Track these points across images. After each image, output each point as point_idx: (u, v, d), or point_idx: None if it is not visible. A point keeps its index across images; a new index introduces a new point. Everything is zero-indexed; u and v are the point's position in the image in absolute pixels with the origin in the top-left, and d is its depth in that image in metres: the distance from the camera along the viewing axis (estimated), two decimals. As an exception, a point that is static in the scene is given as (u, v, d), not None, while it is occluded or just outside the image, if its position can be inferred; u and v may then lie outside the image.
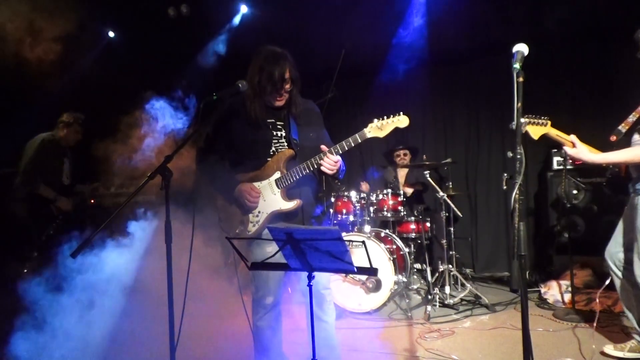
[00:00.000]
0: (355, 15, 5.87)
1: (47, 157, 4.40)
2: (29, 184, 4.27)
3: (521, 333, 3.30)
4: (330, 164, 2.35)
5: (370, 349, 3.36)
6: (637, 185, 2.77)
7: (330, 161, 2.34)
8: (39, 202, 4.33)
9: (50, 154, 4.44)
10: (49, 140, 4.44)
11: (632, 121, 2.73)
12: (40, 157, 4.33)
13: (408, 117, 2.37)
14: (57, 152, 4.51)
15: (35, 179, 4.28)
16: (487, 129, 5.84)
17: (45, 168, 4.38)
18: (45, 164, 4.38)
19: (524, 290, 1.63)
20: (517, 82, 1.86)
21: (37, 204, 4.30)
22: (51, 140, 4.46)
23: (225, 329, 3.89)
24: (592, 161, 2.72)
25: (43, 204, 4.35)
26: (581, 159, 2.70)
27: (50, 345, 3.35)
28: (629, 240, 2.84)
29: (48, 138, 4.44)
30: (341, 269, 1.84)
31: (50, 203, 4.37)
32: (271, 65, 2.32)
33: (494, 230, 5.77)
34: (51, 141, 4.45)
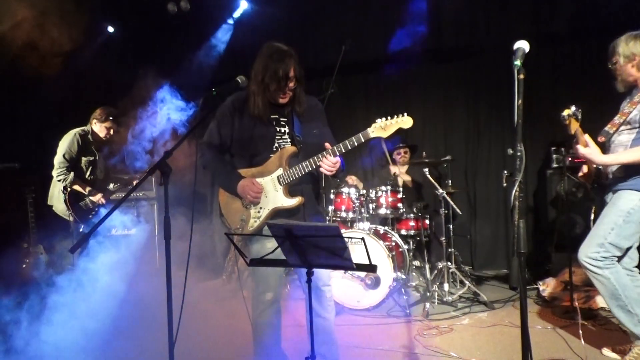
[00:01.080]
0: (355, 12, 5.88)
1: (80, 151, 4.45)
2: (63, 178, 4.33)
3: (519, 330, 3.31)
4: (329, 166, 2.36)
5: (368, 346, 3.36)
6: (618, 186, 2.77)
7: (329, 162, 2.35)
8: (73, 196, 4.38)
9: (83, 149, 4.47)
10: (81, 135, 4.47)
11: (618, 122, 2.76)
12: (72, 152, 4.38)
13: (412, 118, 2.36)
14: (90, 147, 4.55)
15: (68, 174, 4.35)
16: (487, 126, 5.83)
17: (78, 162, 4.45)
18: (78, 158, 4.44)
19: (524, 288, 1.63)
20: (517, 79, 1.86)
21: (72, 198, 4.36)
22: (83, 134, 4.49)
23: (225, 325, 3.89)
24: (604, 162, 2.75)
25: (77, 198, 4.42)
26: (592, 160, 2.71)
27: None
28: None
29: (80, 132, 4.48)
30: (340, 266, 1.84)
31: (85, 197, 4.44)
32: (276, 63, 2.31)
33: (493, 227, 5.77)
34: (83, 135, 4.48)
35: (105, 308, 4.20)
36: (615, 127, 2.75)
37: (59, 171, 4.34)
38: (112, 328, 3.81)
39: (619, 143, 2.79)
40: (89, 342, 3.49)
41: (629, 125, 2.75)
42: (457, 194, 5.32)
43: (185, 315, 2.13)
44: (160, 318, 2.41)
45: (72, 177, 4.38)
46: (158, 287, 5.03)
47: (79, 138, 4.44)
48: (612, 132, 2.75)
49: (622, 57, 2.77)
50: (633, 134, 2.73)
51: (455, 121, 5.97)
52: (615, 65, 2.82)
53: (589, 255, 2.78)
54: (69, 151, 4.37)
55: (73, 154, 4.39)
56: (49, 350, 3.34)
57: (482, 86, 5.82)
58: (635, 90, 2.81)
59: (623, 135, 2.77)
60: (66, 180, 4.34)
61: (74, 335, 3.56)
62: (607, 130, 2.76)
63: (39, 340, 3.40)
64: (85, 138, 4.50)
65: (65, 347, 3.39)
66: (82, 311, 4.05)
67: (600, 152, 2.70)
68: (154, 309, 4.02)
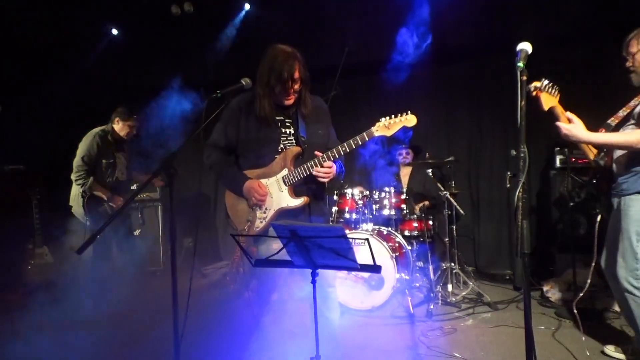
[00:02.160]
0: (359, 14, 5.89)
1: (100, 153, 4.25)
2: (82, 182, 4.17)
3: (523, 331, 3.31)
4: (324, 173, 2.37)
5: (372, 346, 3.37)
6: (623, 185, 2.68)
7: (324, 170, 2.36)
8: (92, 201, 4.22)
9: (104, 150, 4.28)
10: (101, 136, 4.27)
11: (622, 115, 2.69)
12: (92, 154, 4.19)
13: (415, 116, 2.37)
14: (110, 147, 4.36)
15: (87, 178, 4.17)
16: (490, 127, 5.84)
17: (98, 165, 4.26)
18: (98, 161, 4.25)
19: (528, 289, 1.64)
20: (520, 80, 1.87)
21: (91, 204, 4.19)
22: (103, 135, 4.29)
23: (229, 325, 3.91)
24: (588, 139, 2.61)
25: (97, 203, 4.24)
26: (575, 136, 2.55)
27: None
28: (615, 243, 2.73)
29: (100, 133, 4.28)
30: (345, 267, 1.85)
31: (104, 203, 4.28)
32: (280, 65, 2.32)
33: (497, 228, 5.77)
34: (103, 136, 4.28)
35: (110, 308, 4.24)
36: (618, 120, 2.69)
37: (77, 175, 4.16)
38: (117, 327, 3.85)
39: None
40: (93, 342, 3.53)
41: (633, 120, 2.67)
42: (460, 195, 5.32)
43: (190, 314, 2.15)
44: (165, 319, 2.44)
45: (91, 181, 4.19)
46: (163, 288, 5.06)
47: (99, 139, 4.24)
48: (613, 124, 2.68)
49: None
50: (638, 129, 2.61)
51: (458, 122, 5.98)
52: (635, 56, 2.65)
53: (630, 274, 2.63)
54: (88, 154, 4.18)
55: (92, 156, 4.20)
56: (56, 347, 3.36)
57: (485, 87, 5.83)
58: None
59: (627, 129, 2.70)
60: (85, 184, 4.16)
61: (74, 336, 3.59)
62: (609, 122, 2.69)
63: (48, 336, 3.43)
64: (105, 138, 4.30)
65: (69, 346, 3.42)
66: (85, 311, 4.11)
67: (584, 128, 2.55)
68: (159, 309, 4.07)
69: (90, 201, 4.20)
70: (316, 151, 2.40)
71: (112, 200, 4.31)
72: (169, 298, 2.04)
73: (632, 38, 2.71)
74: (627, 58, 2.71)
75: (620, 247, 2.69)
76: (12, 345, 3.37)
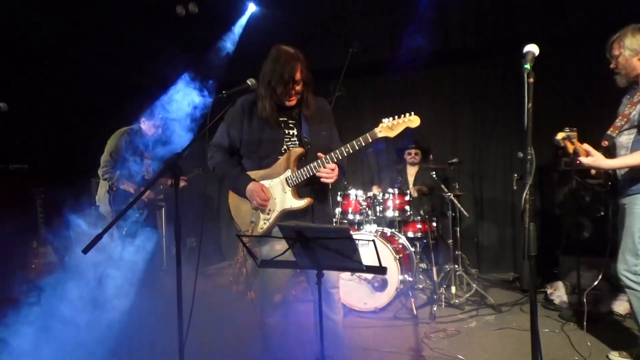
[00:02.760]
0: (363, 14, 5.89)
1: (127, 150, 4.33)
2: (108, 176, 4.25)
3: (527, 333, 3.29)
4: (327, 174, 2.37)
5: (376, 348, 3.37)
6: (631, 189, 2.74)
7: (326, 171, 2.37)
8: (119, 196, 4.27)
9: (131, 147, 4.35)
10: (129, 133, 4.37)
11: (620, 125, 2.75)
12: (120, 150, 4.27)
13: (419, 117, 2.36)
14: (138, 145, 4.42)
15: (114, 172, 4.25)
16: (495, 128, 5.83)
17: (126, 161, 4.32)
18: (125, 157, 4.31)
19: (534, 292, 1.63)
20: (527, 82, 1.87)
21: (117, 199, 4.25)
22: (131, 133, 4.38)
23: (233, 326, 3.91)
24: (611, 166, 2.72)
25: (122, 199, 4.27)
26: (599, 167, 2.68)
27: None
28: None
29: (128, 131, 4.38)
30: (350, 268, 1.85)
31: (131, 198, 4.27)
32: (282, 66, 2.32)
33: (500, 230, 5.76)
34: (130, 134, 4.37)
35: (114, 308, 4.25)
36: (618, 130, 2.75)
37: (104, 169, 4.25)
38: (120, 329, 3.85)
39: (619, 145, 2.79)
40: (100, 341, 3.54)
41: (627, 125, 2.74)
42: (464, 197, 5.31)
43: (194, 315, 2.15)
44: (168, 319, 2.44)
45: (118, 175, 4.26)
46: (165, 289, 5.07)
47: (127, 137, 4.33)
48: (614, 135, 2.75)
49: (627, 50, 2.73)
50: (632, 135, 2.72)
51: (463, 124, 5.97)
52: (618, 59, 2.78)
53: (628, 269, 2.73)
54: (116, 149, 4.26)
55: (120, 152, 4.27)
56: (60, 347, 3.37)
57: (489, 89, 5.82)
58: (635, 88, 2.78)
59: (623, 136, 2.77)
60: (112, 178, 4.24)
61: (82, 333, 3.60)
62: (610, 134, 2.76)
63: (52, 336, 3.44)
64: (132, 137, 4.38)
65: (75, 345, 3.42)
66: (88, 313, 4.12)
67: (604, 157, 2.68)
68: (162, 310, 4.07)
69: (117, 195, 4.27)
70: (319, 152, 2.41)
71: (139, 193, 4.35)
72: (171, 298, 2.04)
73: (614, 41, 2.81)
74: (610, 60, 2.83)
75: (623, 243, 2.77)
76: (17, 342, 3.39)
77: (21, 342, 3.38)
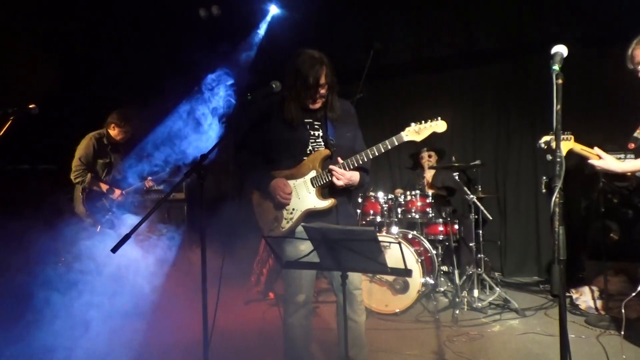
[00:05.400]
0: (385, 16, 5.87)
1: (96, 154, 4.60)
2: (80, 180, 4.49)
3: (552, 339, 3.25)
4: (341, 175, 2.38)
5: (398, 350, 3.35)
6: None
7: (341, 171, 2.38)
8: (91, 196, 4.54)
9: (99, 151, 4.63)
10: (97, 138, 4.64)
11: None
12: (88, 155, 4.55)
13: (445, 122, 2.35)
14: (105, 149, 4.69)
15: (85, 175, 4.50)
16: (518, 130, 5.74)
17: (94, 165, 4.61)
18: (94, 161, 4.60)
19: (564, 297, 1.60)
20: (556, 84, 1.83)
21: (89, 199, 4.52)
22: (99, 138, 4.65)
23: (255, 326, 3.94)
24: (623, 170, 2.72)
25: (94, 199, 4.55)
26: (610, 170, 2.68)
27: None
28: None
29: (96, 136, 4.65)
30: (375, 270, 1.85)
31: (102, 198, 4.57)
32: (307, 70, 2.34)
33: (524, 233, 5.67)
34: (99, 139, 4.65)
35: (137, 307, 4.32)
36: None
37: (76, 173, 4.50)
38: (144, 325, 3.91)
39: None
40: (122, 337, 3.60)
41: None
42: (486, 199, 5.24)
43: (219, 313, 2.17)
44: (191, 319, 2.46)
45: (89, 177, 4.53)
46: (189, 288, 5.12)
47: (95, 142, 4.60)
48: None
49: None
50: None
51: (485, 125, 5.89)
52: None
53: None
54: (84, 154, 4.54)
55: (89, 157, 4.56)
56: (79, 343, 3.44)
57: (512, 90, 5.73)
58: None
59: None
60: (84, 181, 4.50)
61: (106, 330, 3.67)
62: (636, 136, 2.71)
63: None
64: (100, 141, 4.65)
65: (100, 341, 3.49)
66: (112, 309, 4.19)
67: (615, 160, 2.69)
68: (185, 310, 4.12)
69: (89, 196, 4.54)
70: (341, 156, 2.42)
71: (110, 192, 4.61)
72: (194, 297, 2.07)
73: (634, 49, 2.80)
74: (636, 69, 2.81)
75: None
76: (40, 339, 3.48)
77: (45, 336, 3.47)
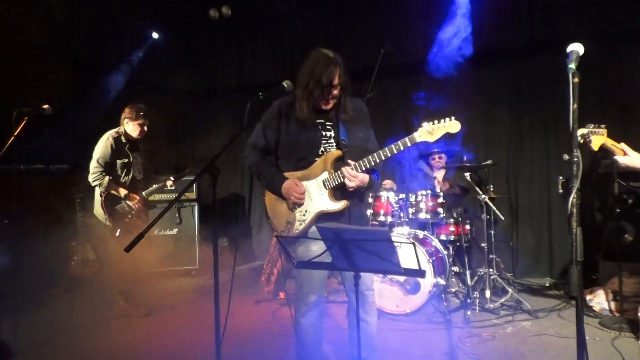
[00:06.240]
0: (395, 15, 5.85)
1: (115, 154, 4.36)
2: (98, 183, 4.27)
3: (565, 341, 3.20)
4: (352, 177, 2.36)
5: (409, 351, 3.33)
6: None
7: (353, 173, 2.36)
8: (109, 200, 4.31)
9: (118, 151, 4.39)
10: (115, 138, 4.40)
11: None
12: (106, 156, 4.30)
13: (459, 123, 2.31)
14: (125, 148, 4.45)
15: (102, 178, 4.27)
16: (530, 130, 5.68)
17: (113, 166, 4.37)
18: (113, 162, 4.36)
19: (581, 299, 1.58)
20: (572, 82, 1.81)
21: (108, 202, 4.29)
22: (116, 137, 4.41)
23: (265, 325, 3.94)
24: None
25: (114, 202, 4.34)
26: (635, 167, 2.61)
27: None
28: None
29: (114, 135, 4.41)
30: (388, 270, 1.83)
31: (121, 201, 4.36)
32: (320, 70, 2.34)
33: (536, 234, 5.60)
34: (117, 138, 4.41)
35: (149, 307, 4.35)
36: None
37: (94, 176, 4.28)
38: (152, 326, 3.94)
39: None
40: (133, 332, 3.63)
41: None
42: (498, 199, 5.19)
43: (230, 313, 2.17)
44: (203, 319, 2.47)
45: (107, 181, 4.28)
46: (199, 287, 5.14)
47: (112, 141, 4.36)
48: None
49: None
50: None
51: (497, 125, 5.84)
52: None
53: None
54: (102, 156, 4.29)
55: (107, 158, 4.31)
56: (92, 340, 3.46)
57: (524, 89, 5.67)
58: None
59: None
60: (102, 185, 4.27)
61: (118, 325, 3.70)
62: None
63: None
64: (118, 140, 4.40)
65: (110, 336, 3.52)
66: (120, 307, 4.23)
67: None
68: (197, 308, 4.14)
69: (107, 200, 4.30)
70: (352, 158, 2.41)
71: (128, 197, 4.38)
72: (206, 297, 2.07)
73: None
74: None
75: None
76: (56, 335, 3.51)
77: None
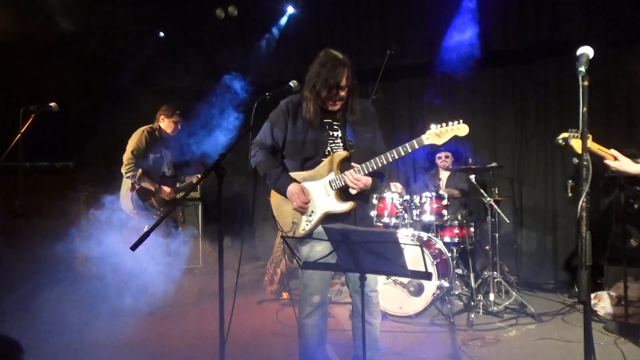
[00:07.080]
0: (401, 16, 5.84)
1: (148, 147, 4.44)
2: (132, 174, 4.33)
3: (570, 345, 3.19)
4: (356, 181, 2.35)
5: (412, 353, 3.33)
6: None
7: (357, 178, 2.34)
8: (140, 194, 4.39)
9: (151, 145, 4.47)
10: (149, 132, 4.49)
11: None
12: (140, 148, 4.38)
13: (467, 126, 2.30)
14: (157, 143, 4.53)
15: (136, 170, 4.34)
16: (535, 133, 5.66)
17: (147, 159, 4.44)
18: (146, 155, 4.43)
19: (589, 303, 1.57)
20: (582, 86, 1.81)
21: (138, 197, 4.36)
22: (151, 131, 4.50)
23: (268, 325, 3.94)
24: (637, 172, 2.66)
25: (143, 197, 4.41)
26: (626, 171, 2.65)
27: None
28: None
29: (148, 129, 4.50)
30: (394, 272, 1.83)
31: (152, 195, 4.43)
32: (328, 71, 2.34)
33: (540, 237, 5.59)
34: (151, 132, 4.49)
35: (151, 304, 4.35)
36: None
37: (127, 167, 4.34)
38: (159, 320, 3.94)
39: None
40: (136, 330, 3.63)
41: None
42: (503, 202, 5.18)
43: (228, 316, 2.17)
44: (206, 318, 2.46)
45: (140, 173, 4.36)
46: (202, 285, 5.14)
47: (147, 135, 4.45)
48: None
49: None
50: None
51: (502, 128, 5.83)
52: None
53: None
54: (137, 147, 4.37)
55: (141, 150, 4.39)
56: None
57: (530, 92, 5.66)
58: None
59: None
60: (135, 176, 4.33)
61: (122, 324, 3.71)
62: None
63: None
64: (153, 134, 4.50)
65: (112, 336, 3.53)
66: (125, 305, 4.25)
67: (631, 162, 2.65)
68: (200, 308, 4.14)
69: (139, 193, 4.37)
70: (357, 162, 2.40)
71: (159, 191, 4.46)
72: (209, 296, 2.07)
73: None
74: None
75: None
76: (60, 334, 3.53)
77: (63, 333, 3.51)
